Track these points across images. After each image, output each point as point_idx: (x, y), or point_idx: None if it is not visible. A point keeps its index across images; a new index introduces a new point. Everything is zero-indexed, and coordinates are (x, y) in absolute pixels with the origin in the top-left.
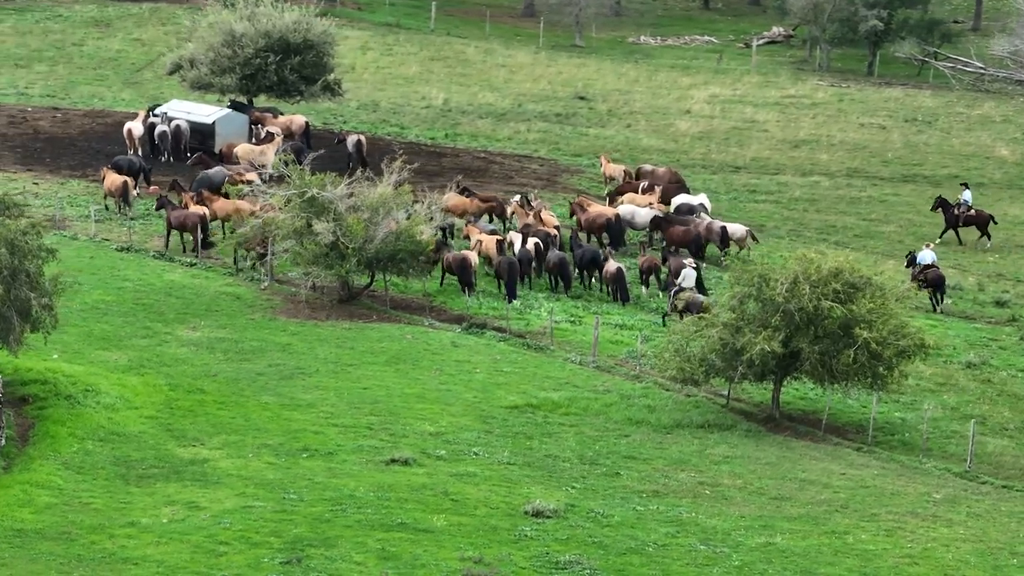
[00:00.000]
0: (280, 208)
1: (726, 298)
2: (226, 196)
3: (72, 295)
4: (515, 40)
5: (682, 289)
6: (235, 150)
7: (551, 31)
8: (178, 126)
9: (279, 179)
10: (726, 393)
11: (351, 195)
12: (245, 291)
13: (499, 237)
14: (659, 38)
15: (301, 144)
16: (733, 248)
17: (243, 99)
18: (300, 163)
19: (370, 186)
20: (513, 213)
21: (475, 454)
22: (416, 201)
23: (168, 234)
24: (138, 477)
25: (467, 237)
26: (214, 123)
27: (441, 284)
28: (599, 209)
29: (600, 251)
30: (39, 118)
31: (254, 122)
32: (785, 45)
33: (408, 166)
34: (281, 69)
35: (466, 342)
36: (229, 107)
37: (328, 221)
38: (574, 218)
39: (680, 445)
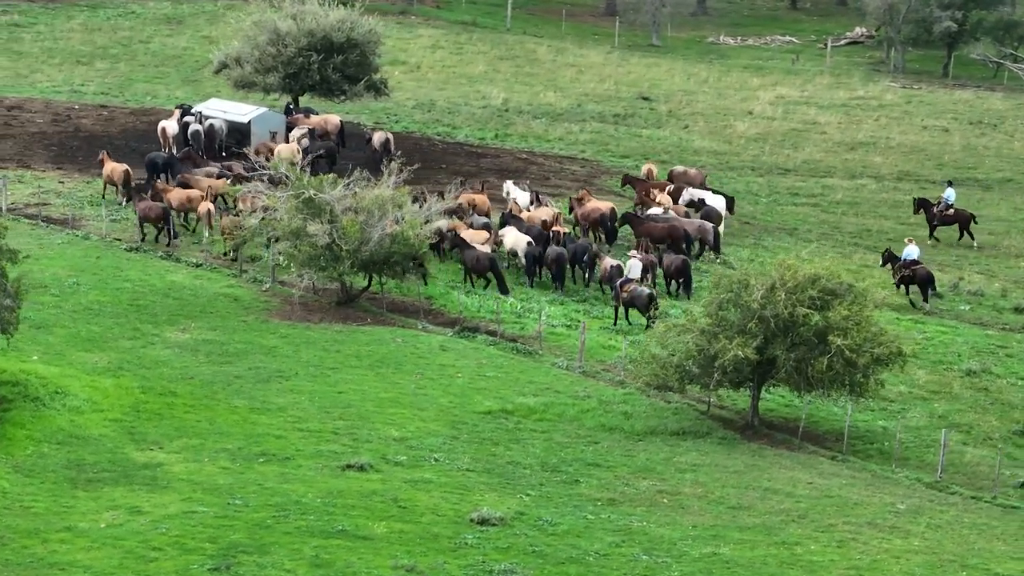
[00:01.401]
0: (270, 208)
1: (704, 302)
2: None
3: (68, 296)
4: (591, 39)
5: (628, 281)
6: (278, 149)
7: (629, 30)
8: (211, 125)
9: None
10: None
11: (345, 196)
12: (244, 292)
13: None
14: (739, 38)
15: (334, 143)
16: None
17: (288, 99)
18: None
19: (368, 187)
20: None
21: (435, 460)
22: (424, 204)
23: (145, 226)
24: (87, 481)
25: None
26: (250, 122)
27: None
28: (594, 204)
29: (591, 247)
30: (84, 116)
31: (289, 124)
32: (865, 46)
33: (408, 167)
34: (324, 68)
35: (455, 346)
36: (285, 112)
37: (324, 222)
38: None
39: (649, 453)
